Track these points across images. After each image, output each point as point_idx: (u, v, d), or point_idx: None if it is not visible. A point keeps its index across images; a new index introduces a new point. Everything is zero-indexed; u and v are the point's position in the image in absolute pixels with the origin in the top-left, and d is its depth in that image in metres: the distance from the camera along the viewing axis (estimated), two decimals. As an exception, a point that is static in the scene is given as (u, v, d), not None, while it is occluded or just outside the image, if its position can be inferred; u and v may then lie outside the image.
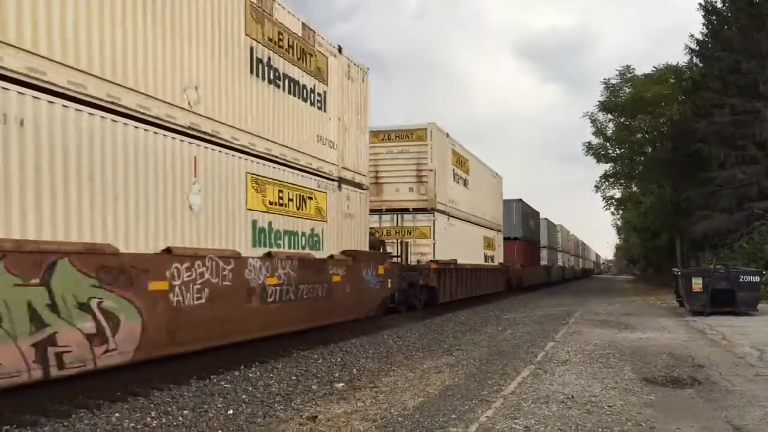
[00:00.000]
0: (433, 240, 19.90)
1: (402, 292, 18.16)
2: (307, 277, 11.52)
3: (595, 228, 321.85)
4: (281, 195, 10.99)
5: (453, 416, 6.70)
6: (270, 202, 10.64)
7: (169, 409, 7.40)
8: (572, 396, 7.40)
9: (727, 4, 31.67)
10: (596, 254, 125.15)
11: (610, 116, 40.45)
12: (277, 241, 10.81)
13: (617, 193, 48.64)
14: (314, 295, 11.79)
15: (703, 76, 32.79)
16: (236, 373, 9.54)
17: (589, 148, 41.81)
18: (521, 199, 36.69)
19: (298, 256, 11.33)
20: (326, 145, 12.70)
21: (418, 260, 19.50)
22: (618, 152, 42.25)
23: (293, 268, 11.06)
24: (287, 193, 11.18)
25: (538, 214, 43.90)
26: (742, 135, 27.11)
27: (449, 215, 21.63)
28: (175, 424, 6.93)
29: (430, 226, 19.90)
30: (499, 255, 30.19)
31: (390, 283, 15.81)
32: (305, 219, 11.78)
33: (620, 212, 58.87)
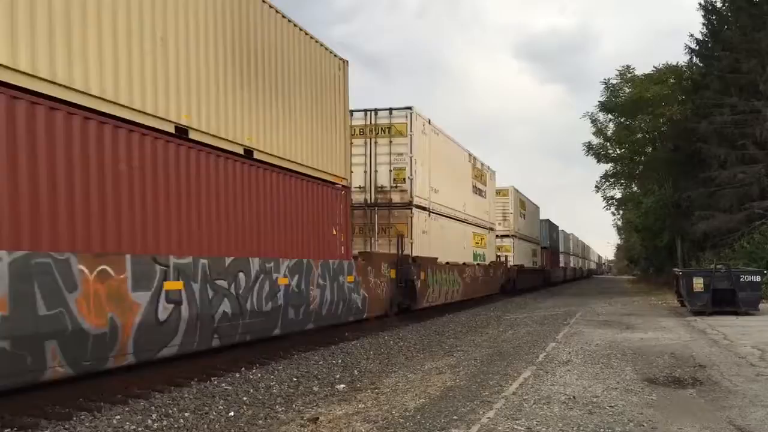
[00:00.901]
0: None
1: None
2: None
3: (595, 228, 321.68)
4: (477, 239, 25.53)
5: (454, 417, 6.69)
6: (475, 242, 25.26)
7: (170, 411, 7.39)
8: (574, 396, 7.39)
9: (726, 4, 31.65)
10: (598, 255, 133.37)
11: (610, 116, 40.43)
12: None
13: (618, 193, 48.71)
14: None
15: (703, 76, 32.75)
16: (237, 375, 9.54)
17: (590, 148, 41.82)
18: (548, 219, 49.22)
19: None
20: (486, 212, 27.22)
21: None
22: (618, 152, 42.24)
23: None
24: (477, 238, 25.32)
25: (557, 227, 54.86)
26: (742, 134, 27.08)
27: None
28: (176, 426, 6.92)
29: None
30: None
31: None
32: (482, 248, 26.27)
33: (621, 212, 58.89)
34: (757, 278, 17.32)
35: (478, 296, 25.63)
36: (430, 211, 19.53)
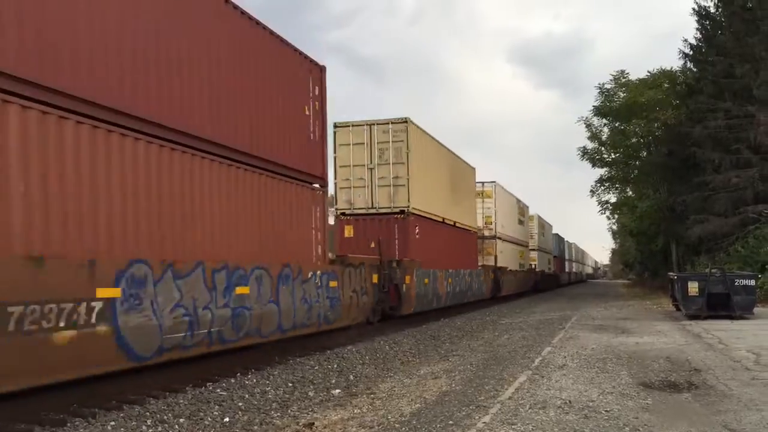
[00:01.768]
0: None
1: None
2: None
3: (590, 232, 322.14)
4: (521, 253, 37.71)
5: (450, 422, 6.69)
6: (520, 255, 37.63)
7: (165, 417, 7.37)
8: (569, 401, 7.39)
9: (720, 9, 31.80)
10: (595, 261, 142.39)
11: (605, 121, 40.48)
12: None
13: (613, 198, 48.71)
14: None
15: (697, 81, 32.88)
16: (232, 381, 9.51)
17: (584, 152, 41.83)
18: (557, 233, 61.98)
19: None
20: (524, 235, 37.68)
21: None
22: (613, 157, 42.27)
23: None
24: (521, 252, 37.78)
25: (564, 239, 67.92)
26: (736, 139, 27.16)
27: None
28: (170, 432, 6.90)
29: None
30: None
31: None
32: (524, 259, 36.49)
33: (616, 216, 58.94)
34: (752, 282, 17.37)
35: (521, 291, 37.71)
36: (502, 240, 32.49)
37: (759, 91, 26.10)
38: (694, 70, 34.18)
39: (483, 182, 30.12)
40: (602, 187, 45.31)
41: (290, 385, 9.43)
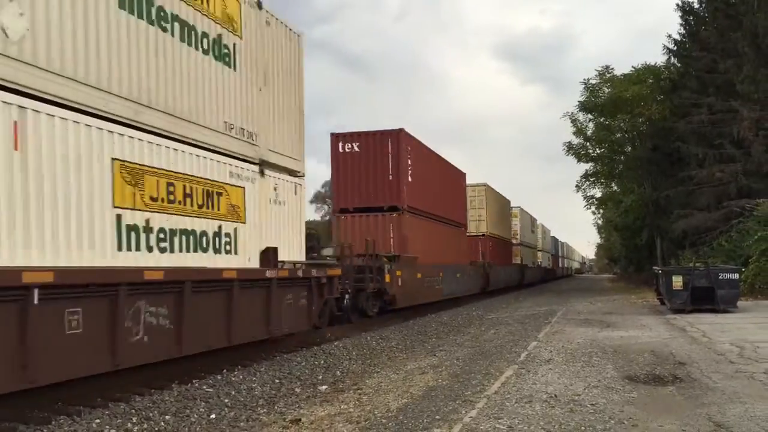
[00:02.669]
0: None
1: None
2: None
3: (575, 227, 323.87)
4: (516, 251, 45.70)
5: (437, 417, 6.70)
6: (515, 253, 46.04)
7: (151, 415, 7.34)
8: (555, 395, 7.42)
9: (703, 5, 32.03)
10: (582, 256, 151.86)
11: (590, 116, 40.66)
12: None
13: (598, 193, 48.98)
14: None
15: (681, 76, 33.12)
16: (219, 377, 9.48)
17: (570, 147, 42.02)
18: (554, 236, 78.62)
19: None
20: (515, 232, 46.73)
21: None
22: (598, 152, 42.50)
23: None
24: (516, 250, 46.19)
25: (558, 239, 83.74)
26: (719, 134, 27.38)
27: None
28: (156, 429, 6.88)
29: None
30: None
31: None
32: (521, 257, 46.55)
33: (601, 211, 59.27)
34: (735, 276, 17.50)
35: (534, 281, 51.69)
36: (522, 245, 45.87)
37: (742, 86, 26.30)
38: (678, 65, 34.43)
39: (512, 207, 44.59)
40: (588, 182, 45.58)
41: (277, 381, 9.41)
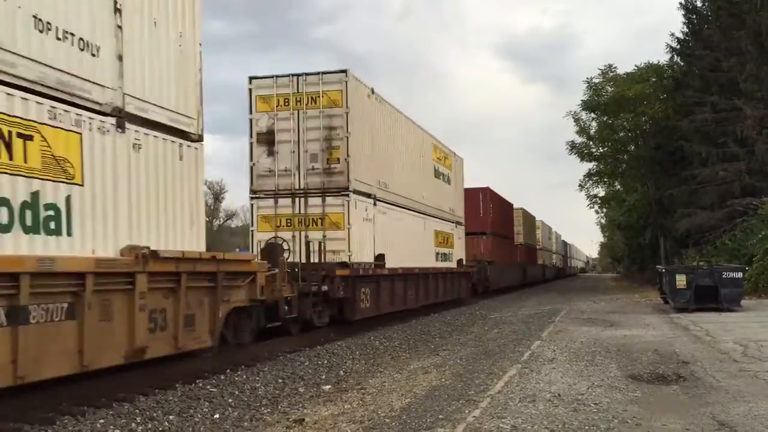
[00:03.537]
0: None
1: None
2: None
3: (579, 226, 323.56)
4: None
5: (440, 417, 6.70)
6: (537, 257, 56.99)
7: (155, 415, 7.35)
8: (559, 394, 7.42)
9: (707, 3, 31.98)
10: (586, 256, 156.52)
11: (593, 115, 40.61)
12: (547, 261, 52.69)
13: (601, 192, 48.94)
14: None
15: (684, 75, 33.09)
16: (222, 377, 9.49)
17: (573, 146, 41.98)
18: (564, 240, 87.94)
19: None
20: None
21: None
22: (601, 151, 42.45)
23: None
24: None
25: (566, 241, 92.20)
26: (723, 132, 27.34)
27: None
28: (160, 429, 6.89)
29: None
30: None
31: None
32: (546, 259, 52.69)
33: (604, 210, 59.21)
34: (739, 275, 17.48)
35: (552, 277, 64.06)
36: (543, 250, 63.51)
37: (745, 84, 26.27)
38: (681, 64, 34.38)
39: (536, 221, 56.14)
40: (591, 182, 45.53)
41: (280, 381, 9.42)
